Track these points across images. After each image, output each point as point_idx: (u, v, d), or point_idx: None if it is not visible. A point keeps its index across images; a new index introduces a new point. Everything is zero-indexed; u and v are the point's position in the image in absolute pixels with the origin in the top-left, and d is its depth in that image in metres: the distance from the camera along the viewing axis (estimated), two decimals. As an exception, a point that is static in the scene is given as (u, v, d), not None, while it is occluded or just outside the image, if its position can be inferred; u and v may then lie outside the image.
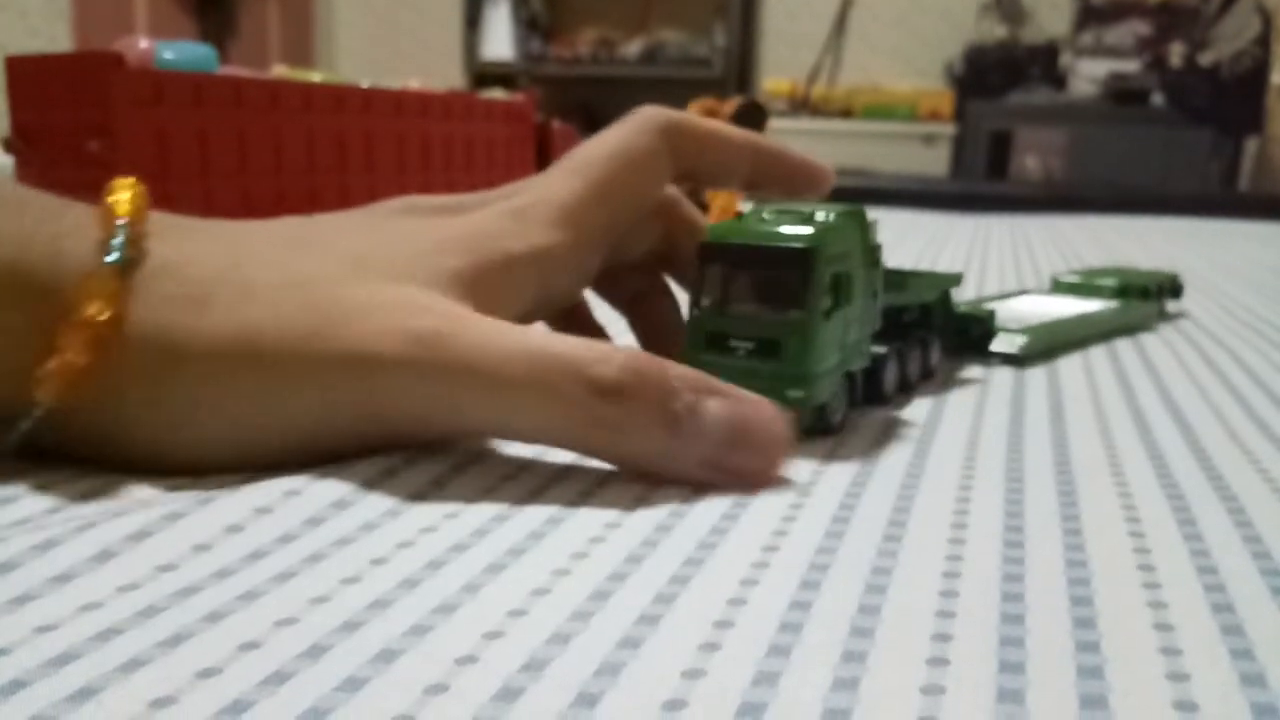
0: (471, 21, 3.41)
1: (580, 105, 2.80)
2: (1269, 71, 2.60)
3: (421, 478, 0.21)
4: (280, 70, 0.56)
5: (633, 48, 3.33)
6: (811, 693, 0.14)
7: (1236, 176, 2.64)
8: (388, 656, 0.14)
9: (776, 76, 3.20)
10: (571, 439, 0.22)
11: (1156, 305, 0.45)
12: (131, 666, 0.14)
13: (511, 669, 0.14)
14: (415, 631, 0.15)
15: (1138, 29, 2.77)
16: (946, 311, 0.34)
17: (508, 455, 0.23)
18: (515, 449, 0.24)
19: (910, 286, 0.31)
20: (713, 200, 0.61)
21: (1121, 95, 2.73)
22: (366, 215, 0.27)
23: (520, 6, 3.36)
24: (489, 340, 0.22)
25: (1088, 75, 2.80)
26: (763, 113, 0.74)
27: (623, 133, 0.28)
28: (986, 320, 0.35)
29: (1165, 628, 0.16)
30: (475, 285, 0.24)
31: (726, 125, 0.30)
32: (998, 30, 3.00)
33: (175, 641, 0.15)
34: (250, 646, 0.15)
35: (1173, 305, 0.48)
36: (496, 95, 0.63)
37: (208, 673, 0.14)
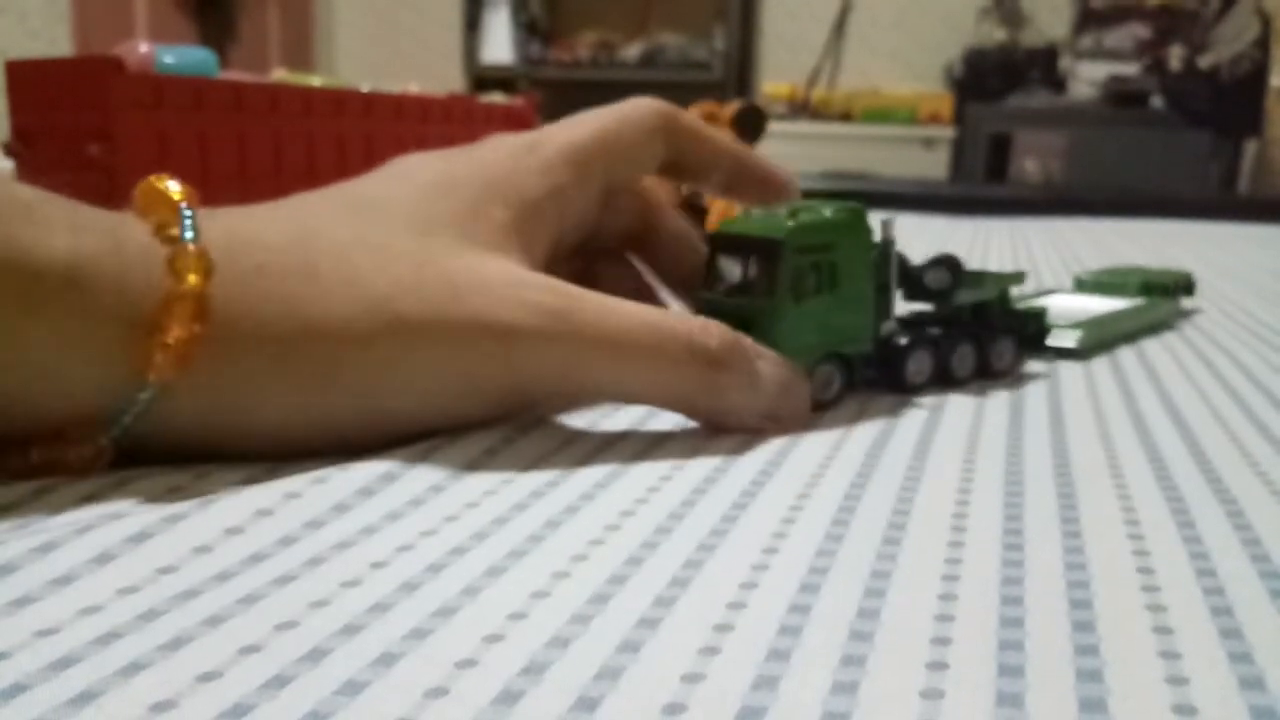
0: (471, 25, 3.42)
1: (580, 109, 2.79)
2: (1268, 74, 2.60)
3: (420, 482, 0.21)
4: (280, 74, 0.56)
5: (632, 51, 3.33)
6: (811, 696, 0.14)
7: (1236, 179, 2.64)
8: (388, 660, 0.14)
9: (776, 80, 3.20)
10: (679, 399, 0.25)
11: (1176, 302, 0.45)
12: (132, 670, 0.14)
13: (511, 672, 0.14)
14: (415, 635, 0.15)
15: (1137, 32, 2.77)
16: (1005, 309, 0.34)
17: (504, 461, 0.23)
18: (513, 453, 0.24)
19: (970, 284, 0.32)
20: (712, 205, 0.61)
21: (1121, 98, 2.73)
22: (391, 175, 0.27)
23: (520, 10, 3.37)
24: (607, 313, 0.24)
25: (1087, 78, 2.80)
26: (762, 116, 0.74)
27: (623, 107, 0.30)
28: (1040, 317, 0.35)
29: (1164, 631, 0.16)
30: (520, 234, 0.26)
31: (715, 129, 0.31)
32: (997, 33, 3.00)
33: (175, 645, 0.15)
34: (250, 650, 0.15)
35: (1186, 303, 0.48)
36: (496, 99, 0.63)
37: (208, 676, 0.14)
